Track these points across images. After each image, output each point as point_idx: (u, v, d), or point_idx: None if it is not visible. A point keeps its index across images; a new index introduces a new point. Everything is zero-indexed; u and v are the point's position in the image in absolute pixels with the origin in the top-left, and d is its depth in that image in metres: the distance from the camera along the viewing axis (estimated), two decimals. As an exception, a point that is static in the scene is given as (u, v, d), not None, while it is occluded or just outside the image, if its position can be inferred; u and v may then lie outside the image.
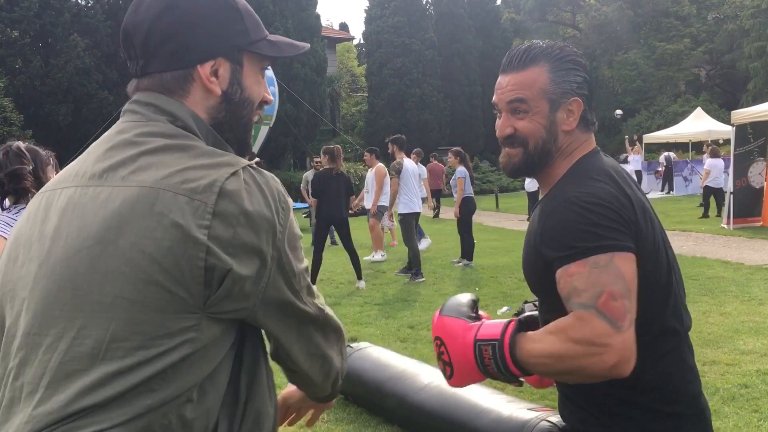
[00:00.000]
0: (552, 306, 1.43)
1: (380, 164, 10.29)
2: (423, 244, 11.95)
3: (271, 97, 1.29)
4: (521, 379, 1.47)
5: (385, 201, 10.12)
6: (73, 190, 1.08)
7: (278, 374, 1.24)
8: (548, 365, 1.35)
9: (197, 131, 1.13)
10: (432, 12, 35.42)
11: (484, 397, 3.56)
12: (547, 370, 1.37)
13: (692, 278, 8.20)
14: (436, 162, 18.90)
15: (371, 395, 4.21)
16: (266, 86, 1.26)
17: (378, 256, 11.03)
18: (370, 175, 10.57)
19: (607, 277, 1.32)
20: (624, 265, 1.34)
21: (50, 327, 1.00)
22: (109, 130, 1.15)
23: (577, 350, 1.30)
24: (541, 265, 1.44)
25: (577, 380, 1.39)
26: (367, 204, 10.63)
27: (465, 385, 1.52)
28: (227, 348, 1.07)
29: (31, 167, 2.65)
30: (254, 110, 1.24)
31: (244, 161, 1.11)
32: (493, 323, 1.44)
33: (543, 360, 1.35)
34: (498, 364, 1.39)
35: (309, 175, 13.26)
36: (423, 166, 12.29)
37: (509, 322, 1.41)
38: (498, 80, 1.57)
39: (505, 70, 1.55)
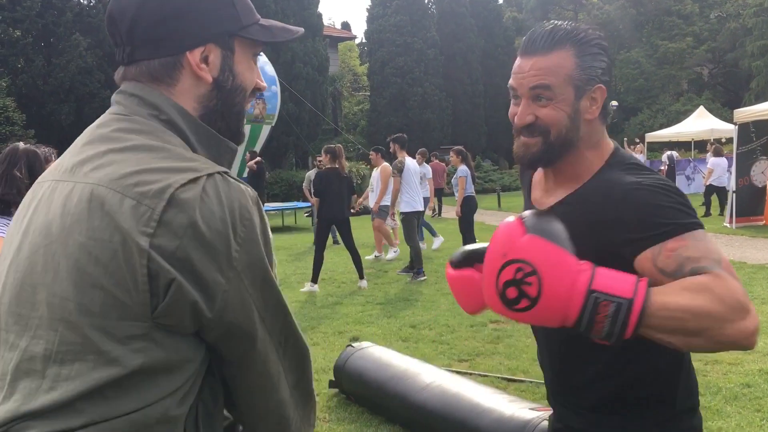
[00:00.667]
0: None
1: (386, 163, 10.30)
2: (436, 243, 12.00)
3: (264, 84, 1.23)
4: None
5: (389, 200, 10.13)
6: (49, 184, 1.06)
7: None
8: (684, 321, 1.18)
9: (182, 125, 1.08)
10: (434, 11, 35.39)
11: (485, 397, 3.56)
12: (678, 327, 1.19)
13: (695, 277, 8.19)
14: (437, 161, 18.91)
15: (373, 395, 4.21)
16: (259, 73, 1.21)
17: (391, 253, 11.06)
18: (375, 174, 10.59)
19: (714, 247, 1.28)
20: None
21: (14, 324, 0.99)
22: (94, 122, 1.12)
23: (724, 310, 1.17)
24: (594, 255, 1.26)
25: (699, 345, 1.22)
26: (372, 203, 10.65)
27: (528, 323, 1.30)
28: (196, 367, 1.01)
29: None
30: (246, 98, 1.19)
31: (215, 168, 1.01)
32: (612, 273, 1.22)
33: (679, 315, 1.18)
34: (615, 326, 1.18)
35: (312, 174, 13.26)
36: (428, 166, 12.28)
37: (640, 278, 1.21)
38: (518, 63, 1.44)
39: (528, 53, 1.42)
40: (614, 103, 30.94)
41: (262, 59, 18.76)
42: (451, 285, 1.54)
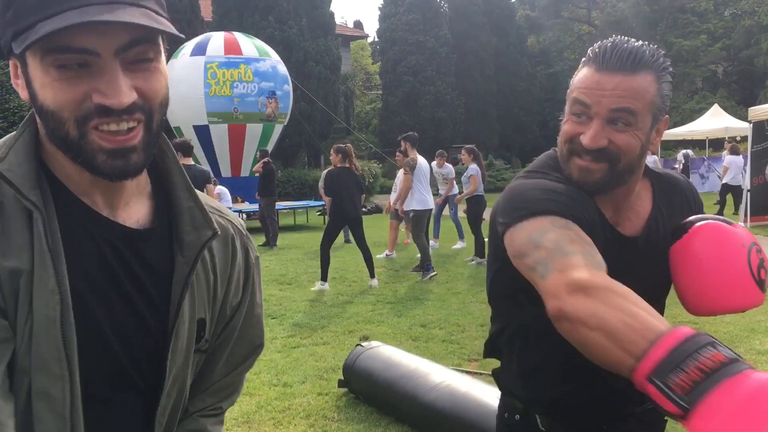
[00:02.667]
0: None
1: None
2: (458, 245, 12.00)
3: (108, 100, 0.88)
4: None
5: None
6: None
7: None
8: None
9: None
10: (446, 9, 35.31)
11: (495, 397, 3.54)
12: None
13: (708, 277, 8.13)
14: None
15: (382, 394, 4.20)
16: (107, 83, 0.87)
17: (384, 254, 11.08)
18: (400, 174, 10.61)
19: None
20: None
21: None
22: None
23: None
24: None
25: None
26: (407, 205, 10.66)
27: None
28: None
29: None
30: (69, 121, 0.89)
31: None
32: None
33: None
34: None
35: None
36: (450, 166, 12.24)
37: None
38: (594, 78, 1.29)
39: (610, 69, 1.28)
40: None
41: (274, 58, 18.80)
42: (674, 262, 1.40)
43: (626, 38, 1.33)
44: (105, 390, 0.99)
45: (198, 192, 1.12)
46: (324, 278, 8.39)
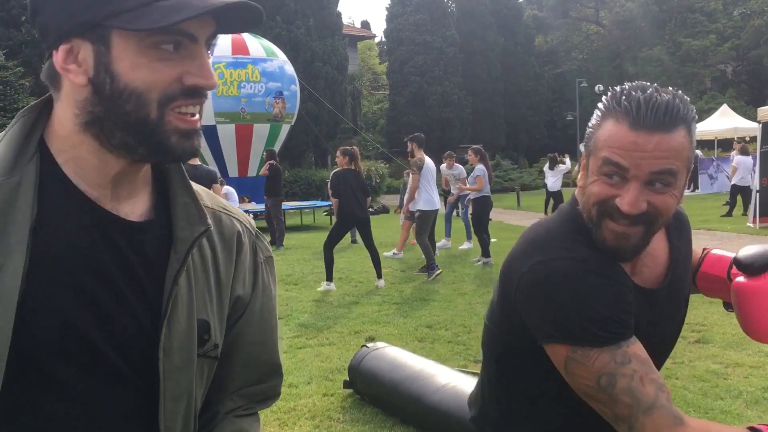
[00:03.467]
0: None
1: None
2: (465, 245, 12.00)
3: (205, 81, 0.93)
4: None
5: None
6: None
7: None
8: None
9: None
10: (453, 9, 35.30)
11: (500, 399, 3.52)
12: None
13: (716, 278, 8.08)
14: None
15: (387, 395, 4.19)
16: (198, 66, 0.93)
17: (391, 253, 11.08)
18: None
19: None
20: None
21: None
22: None
23: None
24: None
25: None
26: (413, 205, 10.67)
27: None
28: None
29: None
30: (152, 102, 0.92)
31: None
32: None
33: None
34: None
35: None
36: (460, 166, 12.24)
37: None
38: (629, 137, 1.18)
39: (647, 128, 1.17)
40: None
41: (281, 58, 18.83)
42: (752, 298, 1.34)
43: (656, 88, 1.22)
44: (77, 379, 0.96)
45: (206, 191, 1.11)
46: (329, 278, 8.39)
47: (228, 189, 13.63)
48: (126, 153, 0.95)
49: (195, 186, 1.09)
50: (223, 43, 18.17)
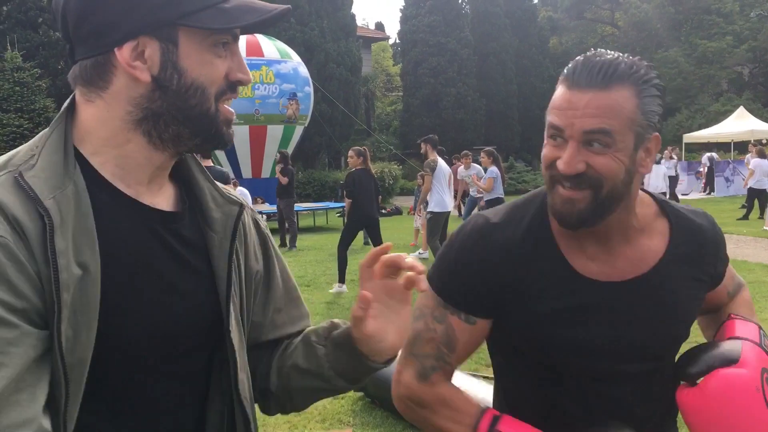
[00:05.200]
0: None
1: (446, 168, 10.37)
2: None
3: (245, 76, 1.02)
4: None
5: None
6: None
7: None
8: None
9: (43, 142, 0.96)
10: (468, 11, 35.22)
11: (511, 404, 3.50)
12: None
13: (732, 282, 8.01)
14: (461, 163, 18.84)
15: (398, 399, 4.17)
16: (239, 63, 1.01)
17: (416, 254, 11.09)
18: None
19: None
20: None
21: None
22: None
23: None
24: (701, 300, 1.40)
25: None
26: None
27: None
28: None
29: None
30: (212, 96, 0.99)
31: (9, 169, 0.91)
32: None
33: None
34: None
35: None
36: (477, 166, 12.25)
37: None
38: (565, 96, 1.19)
39: (581, 86, 1.17)
40: None
41: (295, 60, 18.88)
42: (699, 412, 1.26)
43: (604, 51, 1.21)
44: (154, 368, 1.02)
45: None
46: (342, 280, 8.38)
47: (241, 190, 13.64)
48: (173, 146, 1.01)
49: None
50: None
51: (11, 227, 0.86)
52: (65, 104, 1.01)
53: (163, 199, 1.05)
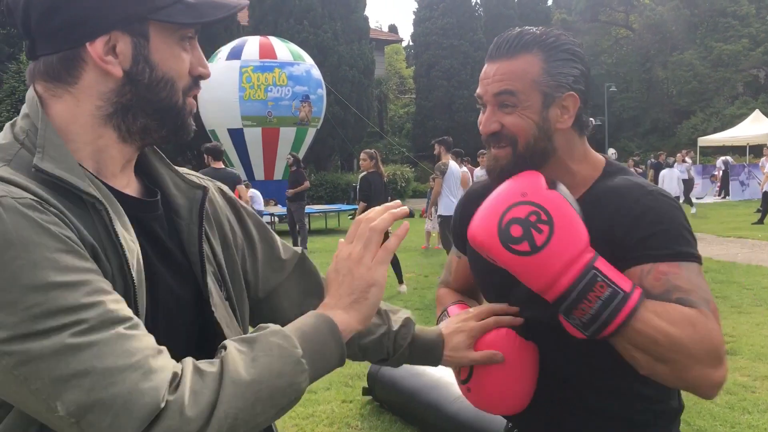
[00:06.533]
0: None
1: (464, 170, 10.34)
2: None
3: (207, 71, 1.05)
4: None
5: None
6: None
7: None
8: (658, 344, 1.15)
9: (31, 144, 0.93)
10: (481, 13, 35.17)
11: (519, 410, 3.47)
12: (651, 347, 1.16)
13: (746, 288, 7.91)
14: (470, 166, 18.78)
15: (405, 403, 4.16)
16: (200, 57, 1.03)
17: None
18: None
19: (705, 286, 1.24)
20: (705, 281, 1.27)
21: None
22: None
23: (699, 350, 1.15)
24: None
25: (662, 372, 1.19)
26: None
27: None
28: None
29: None
30: (180, 89, 1.01)
31: None
32: (613, 267, 1.19)
33: (656, 336, 1.15)
34: (604, 311, 1.15)
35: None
36: None
37: (635, 284, 1.20)
38: (483, 69, 1.38)
39: (492, 58, 1.36)
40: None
41: (308, 62, 18.91)
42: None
43: (519, 28, 1.37)
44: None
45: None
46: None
47: (253, 192, 13.67)
48: (140, 138, 1.02)
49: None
50: (251, 47, 18.30)
51: (71, 229, 0.87)
52: (33, 98, 0.97)
53: (131, 190, 1.06)
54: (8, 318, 0.77)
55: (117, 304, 0.85)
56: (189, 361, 0.88)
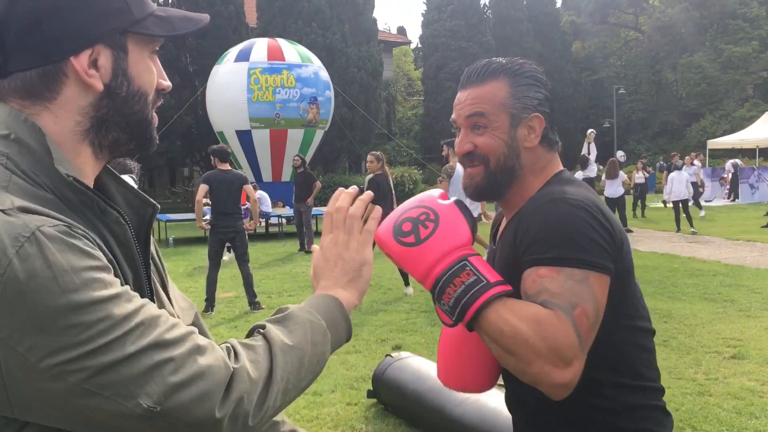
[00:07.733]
0: None
1: None
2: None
3: (169, 84, 1.06)
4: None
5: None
6: None
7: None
8: (502, 335, 1.24)
9: (16, 167, 0.89)
10: (489, 15, 35.13)
11: (524, 414, 3.45)
12: (497, 340, 1.26)
13: (755, 291, 7.85)
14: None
15: (410, 406, 4.14)
16: (161, 71, 1.04)
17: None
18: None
19: (582, 292, 1.27)
20: (598, 287, 1.29)
21: None
22: None
23: (540, 347, 1.22)
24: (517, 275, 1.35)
25: (511, 365, 1.28)
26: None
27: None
28: None
29: None
30: (149, 102, 1.01)
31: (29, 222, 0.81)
32: (488, 265, 1.33)
33: (501, 327, 1.24)
34: (465, 296, 1.27)
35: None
36: None
37: (506, 282, 1.30)
38: (457, 96, 1.52)
39: (464, 86, 1.51)
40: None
41: (316, 64, 18.93)
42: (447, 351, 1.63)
43: (490, 59, 1.52)
44: None
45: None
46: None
47: (261, 194, 13.71)
48: (110, 152, 1.01)
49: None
50: (260, 49, 18.34)
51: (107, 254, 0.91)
52: (13, 113, 0.93)
53: None
54: (75, 338, 0.81)
55: (150, 303, 0.90)
56: (233, 339, 0.96)
